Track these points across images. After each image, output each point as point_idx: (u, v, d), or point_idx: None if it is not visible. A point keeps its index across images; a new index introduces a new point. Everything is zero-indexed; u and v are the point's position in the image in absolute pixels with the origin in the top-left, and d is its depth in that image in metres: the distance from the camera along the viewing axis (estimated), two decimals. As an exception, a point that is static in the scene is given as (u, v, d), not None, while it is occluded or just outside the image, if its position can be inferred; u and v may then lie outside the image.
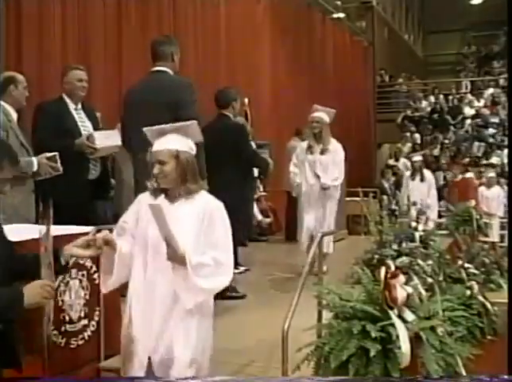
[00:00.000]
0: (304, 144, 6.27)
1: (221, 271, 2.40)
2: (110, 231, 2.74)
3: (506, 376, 2.12)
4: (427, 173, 9.06)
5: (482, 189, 9.92)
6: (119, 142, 4.34)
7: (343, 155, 6.21)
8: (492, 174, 10.59)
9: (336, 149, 6.16)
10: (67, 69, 4.42)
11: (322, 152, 6.08)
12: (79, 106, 4.37)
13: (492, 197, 9.69)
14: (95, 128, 4.39)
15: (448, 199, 10.95)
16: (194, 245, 2.40)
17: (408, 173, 9.24)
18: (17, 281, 2.23)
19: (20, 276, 2.24)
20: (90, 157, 4.25)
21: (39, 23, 6.12)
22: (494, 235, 7.63)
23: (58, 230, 3.05)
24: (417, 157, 9.28)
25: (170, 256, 2.32)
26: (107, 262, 2.52)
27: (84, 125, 4.35)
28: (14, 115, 3.88)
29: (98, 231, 2.59)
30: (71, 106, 4.31)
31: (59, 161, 3.80)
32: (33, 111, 4.32)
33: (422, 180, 8.80)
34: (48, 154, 3.78)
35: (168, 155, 2.49)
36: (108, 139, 4.23)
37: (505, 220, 8.82)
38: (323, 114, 6.10)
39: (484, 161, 13.36)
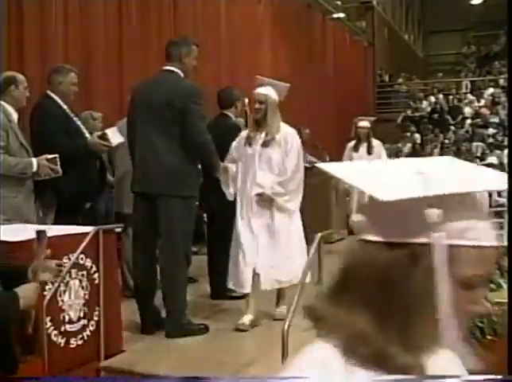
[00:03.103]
0: (244, 133, 4.40)
1: None
2: (111, 230, 2.75)
3: (500, 376, 2.12)
4: (376, 143, 7.28)
5: None
6: (122, 139, 4.33)
7: (299, 146, 4.31)
8: None
9: (287, 138, 4.24)
10: (62, 69, 4.32)
11: (265, 143, 4.20)
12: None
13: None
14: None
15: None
16: None
17: (351, 144, 7.33)
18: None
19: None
20: (95, 156, 4.24)
21: (40, 23, 6.12)
22: None
23: (58, 230, 3.05)
24: (363, 123, 7.27)
25: None
26: None
27: (80, 124, 4.35)
28: (15, 115, 3.88)
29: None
30: (63, 106, 4.26)
31: (59, 163, 3.80)
32: (33, 111, 4.26)
33: (370, 152, 7.06)
34: (49, 156, 3.77)
35: None
36: (116, 136, 4.22)
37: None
38: (269, 90, 4.34)
39: (483, 162, 13.38)
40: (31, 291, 2.08)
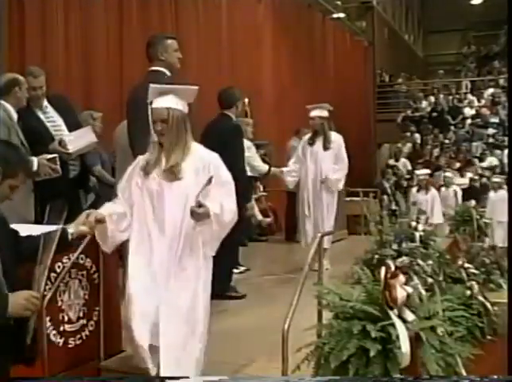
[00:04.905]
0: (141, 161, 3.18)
1: None
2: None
3: (495, 376, 2.13)
4: (335, 136, 6.18)
5: (442, 189, 10.92)
6: (94, 139, 4.23)
7: (229, 178, 3.03)
8: (449, 174, 11.56)
9: (208, 165, 2.97)
10: (25, 75, 4.14)
11: (173, 174, 2.96)
12: (45, 104, 4.18)
13: (447, 197, 10.57)
14: (69, 121, 4.23)
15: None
16: None
17: (306, 137, 6.33)
18: (24, 262, 2.27)
19: (28, 258, 2.27)
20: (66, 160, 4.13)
21: (42, 25, 6.13)
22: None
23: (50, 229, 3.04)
24: (315, 112, 6.12)
25: None
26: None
27: (54, 124, 4.18)
28: (15, 116, 3.90)
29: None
30: (36, 109, 4.15)
31: (58, 163, 3.81)
32: None
33: (326, 147, 6.08)
34: (49, 156, 3.80)
35: None
36: (80, 139, 4.09)
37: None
38: (172, 101, 2.99)
39: (483, 164, 13.40)
40: (20, 298, 2.07)
